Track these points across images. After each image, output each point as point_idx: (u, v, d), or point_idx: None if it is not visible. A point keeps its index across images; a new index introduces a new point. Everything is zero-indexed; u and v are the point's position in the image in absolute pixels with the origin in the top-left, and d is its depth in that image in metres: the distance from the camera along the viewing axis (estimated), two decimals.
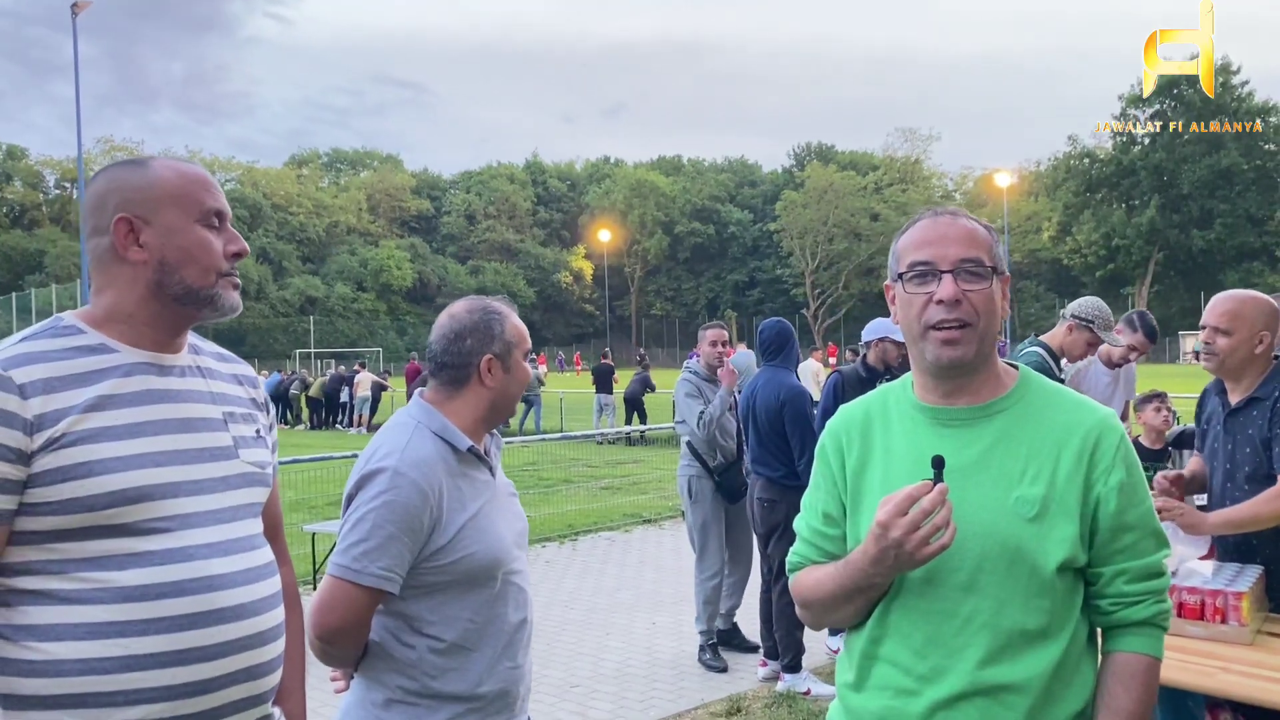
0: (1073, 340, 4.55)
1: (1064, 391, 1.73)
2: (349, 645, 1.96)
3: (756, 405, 5.23)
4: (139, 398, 1.58)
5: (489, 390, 2.10)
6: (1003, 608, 1.58)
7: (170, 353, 1.67)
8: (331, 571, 1.93)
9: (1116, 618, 1.65)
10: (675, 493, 11.42)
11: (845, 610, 1.70)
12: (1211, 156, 54.91)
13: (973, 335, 1.63)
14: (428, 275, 70.39)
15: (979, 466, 1.63)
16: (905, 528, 1.51)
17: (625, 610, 6.90)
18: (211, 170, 67.37)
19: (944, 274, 1.63)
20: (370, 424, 23.20)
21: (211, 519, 1.60)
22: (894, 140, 78.53)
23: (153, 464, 1.55)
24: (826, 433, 1.83)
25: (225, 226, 1.67)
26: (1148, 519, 1.66)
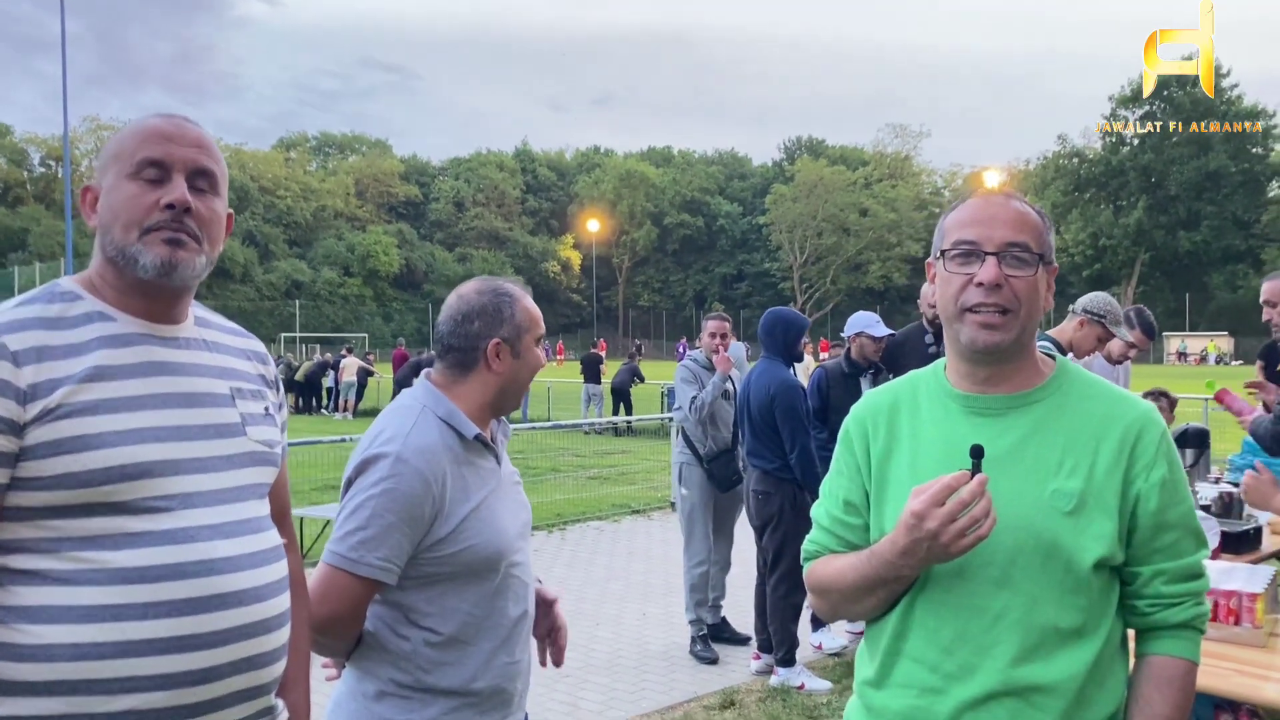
0: (1084, 335, 4.52)
1: (1103, 383, 1.66)
2: (343, 636, 1.88)
3: (751, 397, 5.18)
4: (140, 369, 1.48)
5: (496, 376, 2.01)
6: (1036, 604, 1.51)
7: (170, 323, 1.56)
8: (327, 559, 1.84)
9: (1154, 619, 1.59)
10: (664, 484, 11.43)
11: (867, 602, 1.62)
12: (1199, 159, 55.22)
13: (1013, 321, 1.56)
14: (415, 261, 70.15)
15: (1013, 457, 1.56)
16: (942, 519, 1.44)
17: (615, 600, 6.83)
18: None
19: (988, 255, 1.55)
20: (356, 409, 23.05)
21: (215, 499, 1.51)
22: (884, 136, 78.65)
23: (154, 439, 1.45)
24: (851, 418, 1.76)
25: (170, 177, 1.50)
26: (1188, 518, 1.59)
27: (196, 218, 1.52)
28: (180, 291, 1.55)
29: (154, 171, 1.50)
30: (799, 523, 5.13)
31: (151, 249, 1.48)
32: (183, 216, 1.50)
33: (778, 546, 5.13)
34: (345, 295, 65.91)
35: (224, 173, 1.60)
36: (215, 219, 1.56)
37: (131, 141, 1.52)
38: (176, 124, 1.55)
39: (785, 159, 78.78)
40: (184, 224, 1.50)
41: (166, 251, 1.49)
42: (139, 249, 1.48)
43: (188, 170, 1.51)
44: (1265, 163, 57.48)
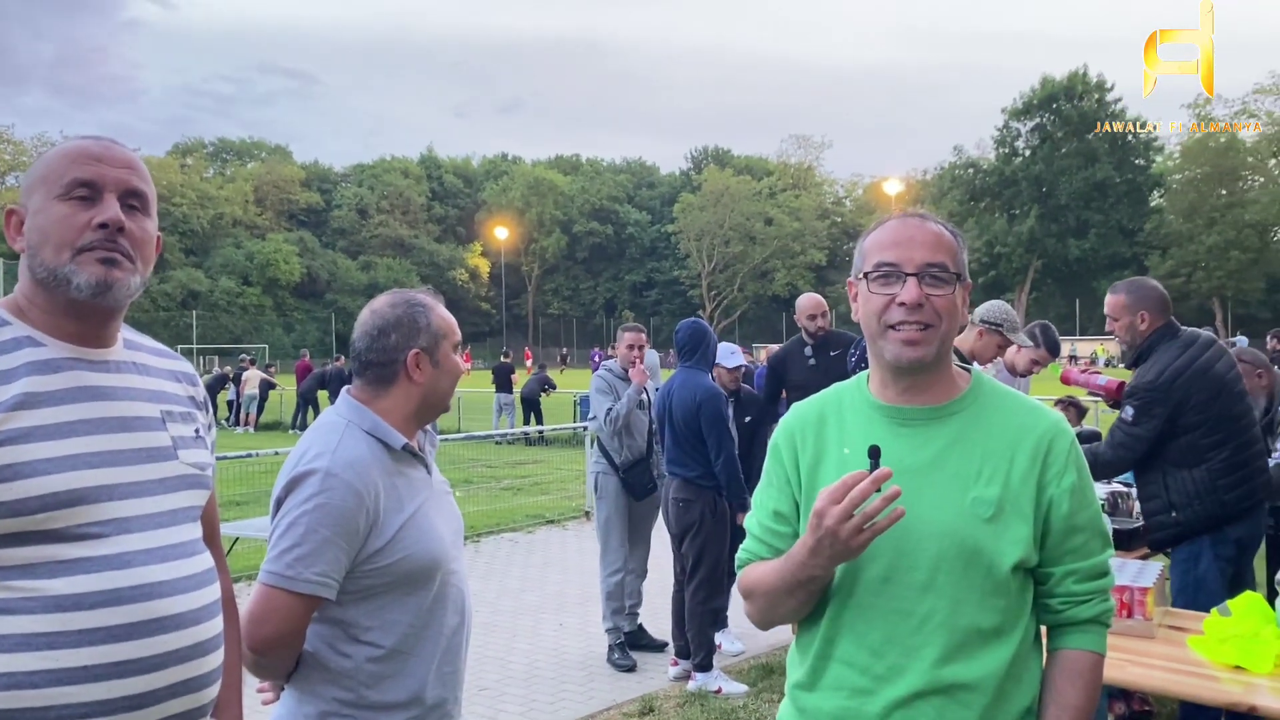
0: (984, 344, 4.68)
1: (1015, 394, 1.75)
2: (284, 656, 1.86)
3: (673, 406, 5.23)
4: (70, 395, 1.47)
5: (418, 386, 2.02)
6: (959, 607, 1.59)
7: (99, 347, 1.56)
8: (263, 580, 1.83)
9: (1065, 616, 1.69)
10: (578, 493, 11.44)
11: (789, 604, 1.69)
12: (1087, 169, 57.57)
13: (934, 336, 1.64)
14: (317, 270, 68.64)
15: (935, 466, 1.64)
16: (838, 516, 1.50)
17: (531, 612, 6.82)
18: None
19: (909, 276, 1.63)
20: (258, 423, 22.47)
21: (150, 523, 1.51)
22: (788, 147, 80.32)
23: (86, 465, 1.44)
24: (780, 430, 1.82)
25: (101, 198, 1.50)
26: (1096, 520, 1.70)
27: (130, 237, 1.52)
28: (112, 312, 1.55)
29: (85, 191, 1.49)
30: (718, 530, 5.21)
31: (85, 269, 1.47)
32: (116, 236, 1.50)
33: (697, 553, 5.20)
34: (244, 305, 64.10)
35: (153, 193, 1.60)
36: (147, 239, 1.56)
37: (60, 163, 1.51)
38: (105, 145, 1.55)
39: (693, 168, 79.60)
40: (117, 244, 1.50)
41: (101, 271, 1.48)
42: (72, 269, 1.47)
43: (119, 190, 1.52)
44: (1147, 174, 60.27)
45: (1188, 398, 3.80)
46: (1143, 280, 4.17)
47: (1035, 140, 60.37)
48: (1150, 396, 3.84)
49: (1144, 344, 3.98)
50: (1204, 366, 3.84)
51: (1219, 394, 3.83)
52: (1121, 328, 4.03)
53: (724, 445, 5.12)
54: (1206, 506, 3.79)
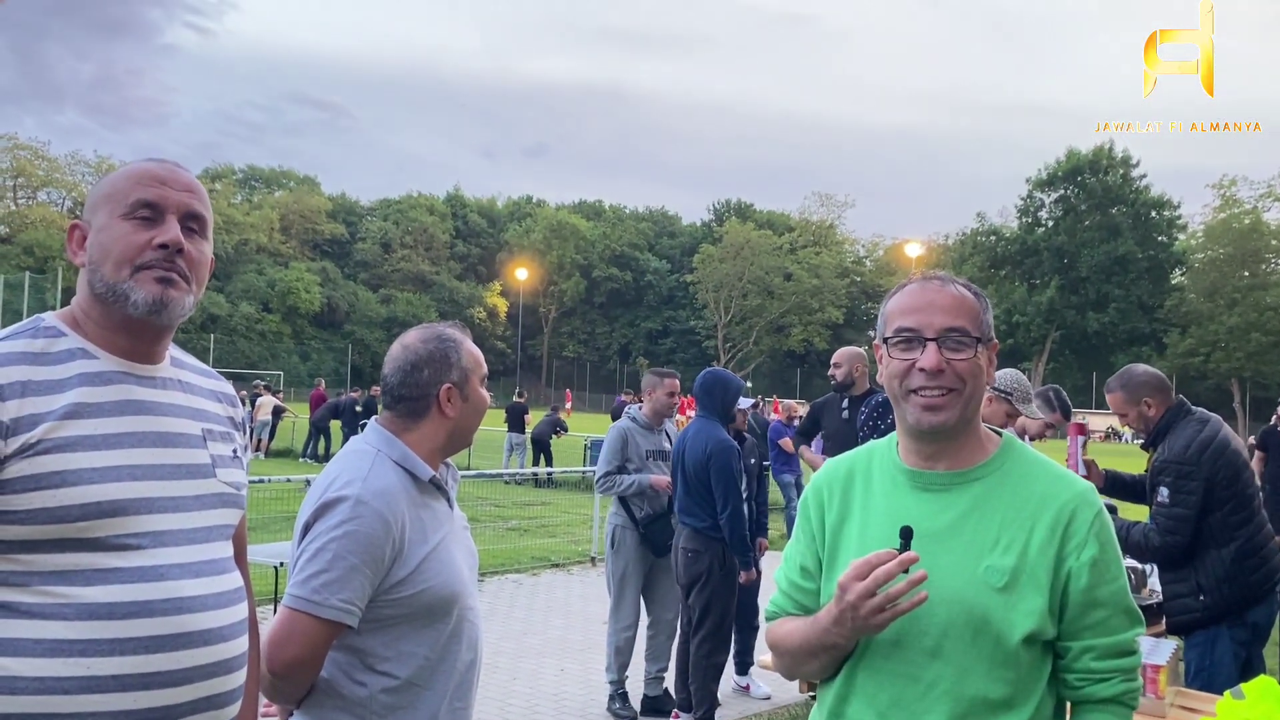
0: (991, 411, 4.68)
1: (1045, 462, 1.73)
2: (302, 681, 1.87)
3: (686, 455, 5.23)
4: (118, 407, 1.51)
5: (448, 420, 2.06)
6: (965, 676, 1.58)
7: (148, 363, 1.60)
8: (289, 603, 1.84)
9: (1084, 693, 1.65)
10: (584, 538, 11.39)
11: (812, 665, 1.71)
12: (1109, 243, 57.69)
13: (956, 400, 1.64)
14: (337, 300, 69.09)
15: (952, 532, 1.63)
16: (861, 593, 1.52)
17: (533, 655, 6.77)
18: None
19: (929, 342, 1.64)
20: (269, 450, 22.50)
21: (185, 538, 1.54)
22: (810, 204, 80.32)
23: (129, 477, 1.48)
24: (810, 487, 1.85)
25: (163, 219, 1.55)
26: (1120, 596, 1.65)
27: (187, 259, 1.56)
28: (165, 330, 1.59)
29: (148, 212, 1.54)
30: (727, 582, 5.18)
31: (143, 286, 1.52)
32: (175, 256, 1.54)
33: (704, 605, 5.17)
34: (263, 331, 64.47)
35: (211, 218, 1.65)
36: (203, 261, 1.61)
37: (125, 183, 1.56)
38: (169, 169, 1.60)
39: (714, 220, 79.98)
40: (175, 264, 1.54)
41: (158, 290, 1.52)
42: (130, 286, 1.51)
43: (180, 213, 1.56)
44: (1169, 251, 60.31)
45: (1216, 472, 3.78)
46: (1130, 370, 4.20)
47: (1058, 211, 60.60)
48: (1182, 470, 3.82)
49: (1159, 427, 3.99)
50: (1224, 442, 3.84)
51: (1240, 470, 3.83)
52: (1132, 420, 4.10)
53: (730, 499, 5.09)
54: (1235, 589, 3.76)
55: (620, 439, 5.79)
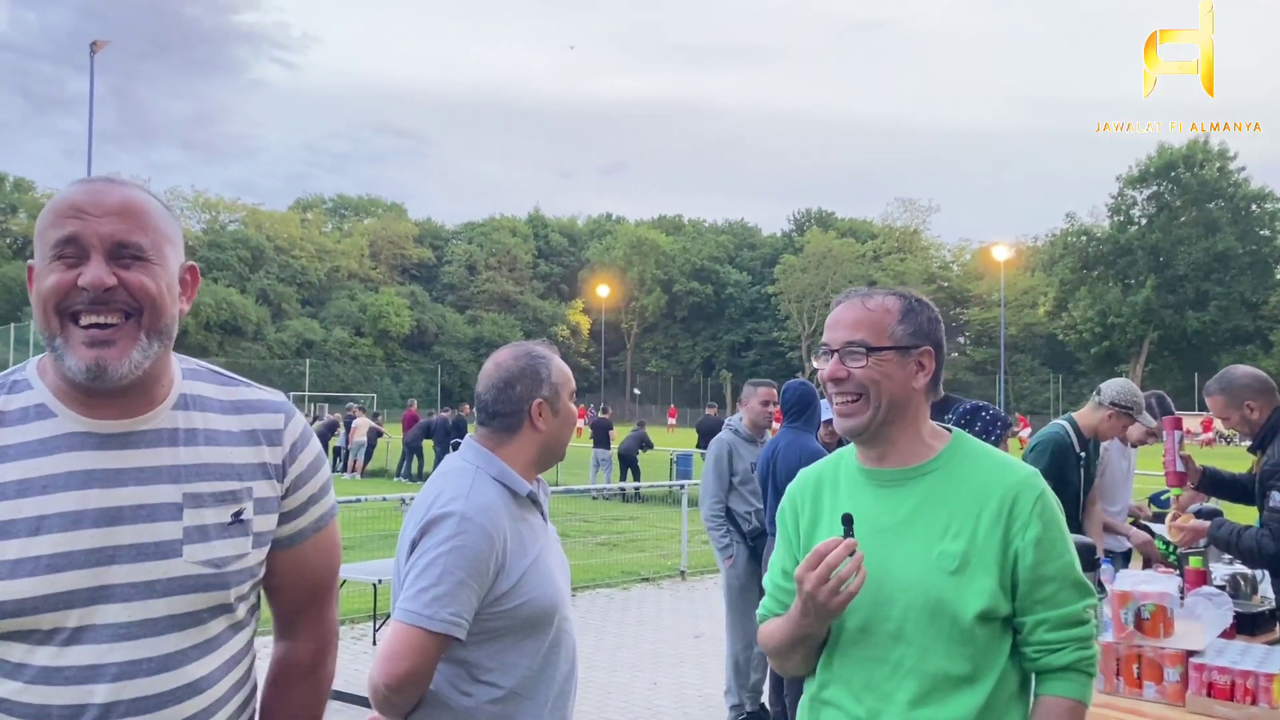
0: (1110, 425, 4.61)
1: (992, 453, 1.87)
2: (413, 694, 1.93)
3: (777, 466, 5.22)
4: (58, 481, 1.34)
5: (540, 434, 2.13)
6: (926, 654, 1.72)
7: (119, 418, 1.40)
8: (401, 618, 1.90)
9: (1041, 664, 1.78)
10: (673, 552, 11.41)
11: (793, 658, 1.87)
12: (1208, 239, 55.64)
13: (865, 405, 1.80)
14: (426, 323, 70.53)
15: (906, 524, 1.78)
16: (815, 580, 1.67)
17: (626, 669, 6.82)
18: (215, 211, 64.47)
19: (833, 353, 1.83)
20: (364, 470, 23.04)
21: (110, 634, 1.34)
22: (893, 210, 79.37)
23: (49, 569, 1.31)
24: (785, 496, 2.01)
25: (88, 256, 1.32)
26: (1067, 571, 1.78)
27: (132, 292, 1.35)
28: (122, 390, 1.38)
29: (71, 250, 1.33)
30: None
31: (74, 351, 1.33)
32: (104, 299, 1.33)
33: None
34: (356, 355, 66.14)
35: (160, 233, 1.40)
36: (150, 289, 1.37)
37: (48, 218, 1.35)
38: (93, 192, 1.36)
39: (795, 230, 79.53)
40: (109, 305, 1.34)
41: (90, 355, 1.32)
42: (62, 346, 1.34)
43: (106, 246, 1.34)
44: (1272, 245, 57.92)
45: None
46: (1231, 372, 4.10)
47: (1152, 208, 58.73)
48: None
49: (1264, 429, 3.88)
50: None
51: None
52: (1236, 423, 4.03)
53: None
54: None
55: (724, 454, 5.74)
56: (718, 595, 6.51)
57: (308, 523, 1.58)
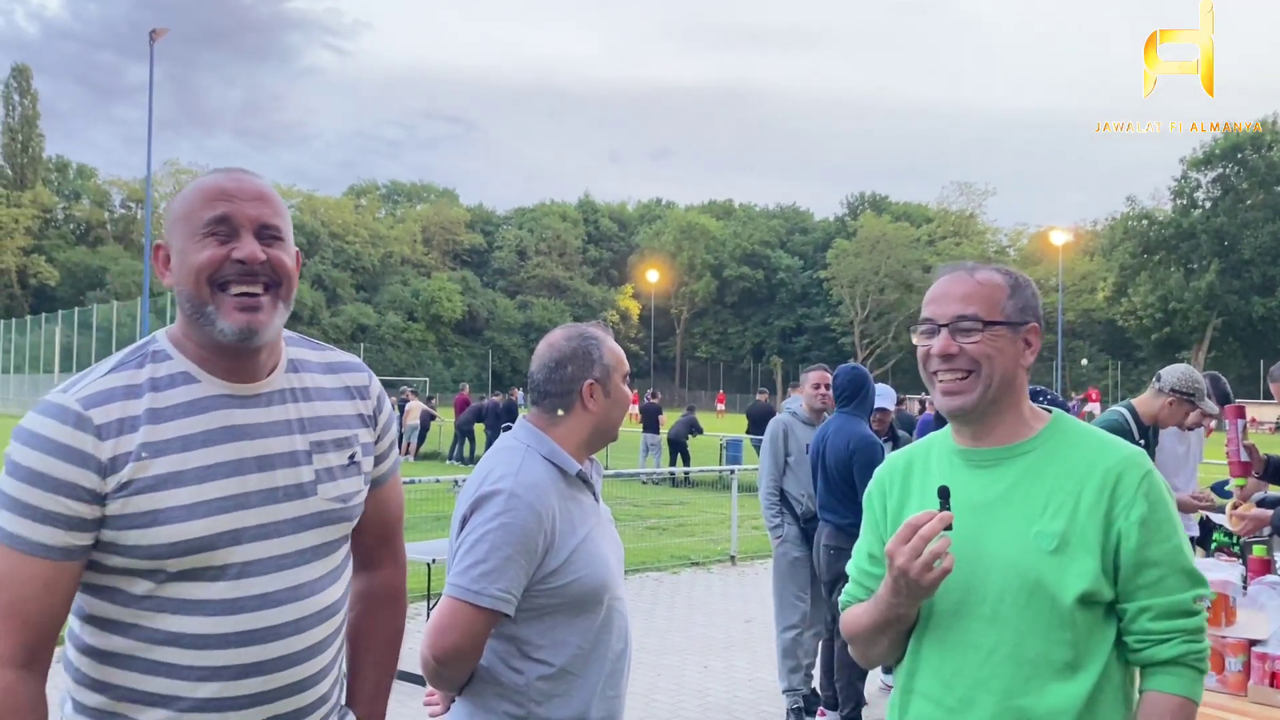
0: (1171, 412, 4.52)
1: (1095, 432, 1.78)
2: (462, 668, 1.96)
3: (826, 452, 5.20)
4: (214, 436, 1.54)
5: (592, 415, 2.13)
6: (1024, 639, 1.63)
7: (252, 380, 1.60)
8: (449, 593, 1.93)
9: (1145, 655, 1.67)
10: (723, 536, 11.42)
11: (881, 643, 1.78)
12: (1276, 222, 54.06)
13: (975, 383, 1.72)
14: (477, 308, 71.12)
15: (1002, 503, 1.70)
16: (908, 554, 1.59)
17: (676, 653, 6.84)
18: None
19: (941, 328, 1.75)
20: (418, 452, 23.32)
21: (272, 566, 1.56)
22: (949, 193, 78.21)
23: (219, 510, 1.52)
24: (873, 480, 1.96)
25: (237, 236, 1.53)
26: (1174, 556, 1.66)
27: (275, 268, 1.57)
28: (259, 350, 1.59)
29: (223, 229, 1.53)
30: None
31: (228, 316, 1.52)
32: (255, 270, 1.54)
33: None
34: (409, 340, 66.94)
35: (287, 219, 1.62)
36: (287, 265, 1.59)
37: (197, 202, 1.54)
38: (238, 179, 1.57)
39: (848, 214, 78.72)
40: (257, 277, 1.54)
41: (244, 319, 1.52)
42: (214, 311, 1.52)
43: (254, 226, 1.55)
44: None
45: None
46: None
47: (1216, 192, 57.17)
48: None
49: None
50: None
51: None
52: None
53: None
54: None
55: (779, 435, 5.77)
56: (768, 580, 6.51)
57: (389, 464, 1.82)
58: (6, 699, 1.40)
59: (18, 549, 1.43)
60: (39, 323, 50.97)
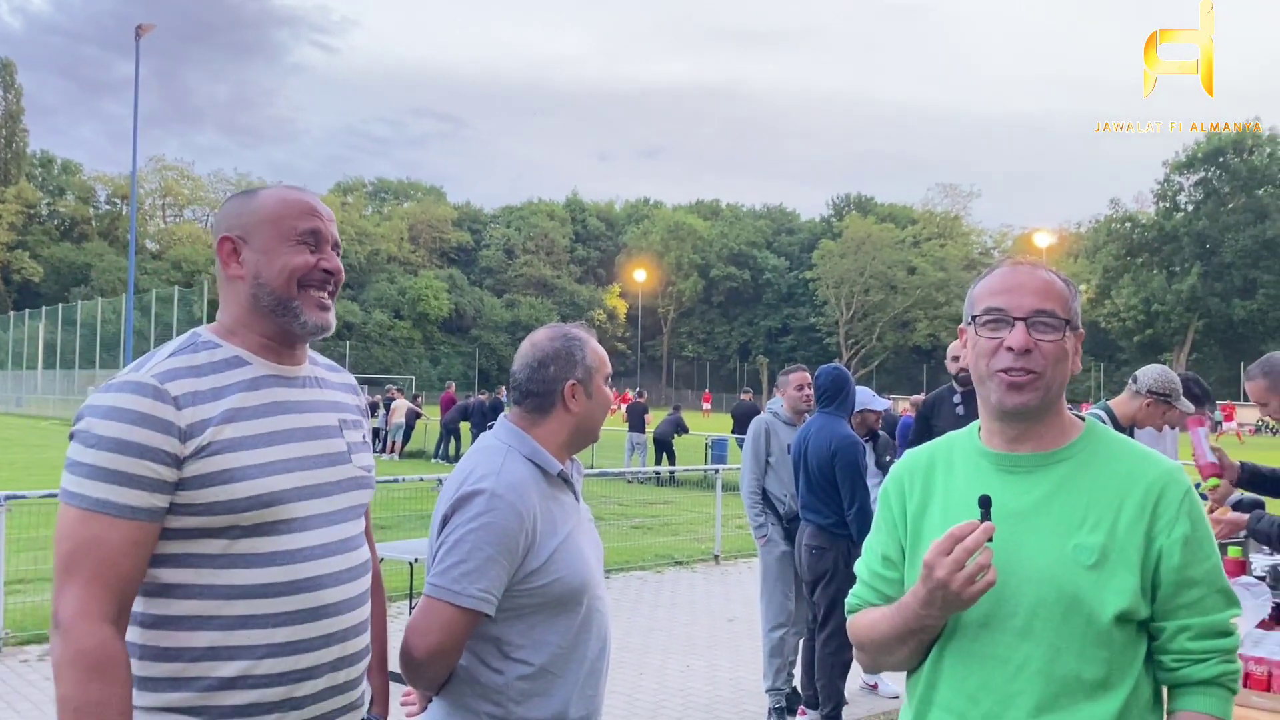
0: (1150, 413, 4.55)
1: (1131, 443, 1.72)
2: (442, 668, 1.96)
3: (808, 451, 5.22)
4: (268, 409, 1.74)
5: (573, 415, 2.13)
6: (1058, 655, 1.56)
7: (293, 364, 1.83)
8: (430, 593, 1.93)
9: (1180, 675, 1.62)
10: (707, 536, 11.44)
11: (900, 653, 1.70)
12: (1256, 226, 54.49)
13: (1040, 383, 1.63)
14: (464, 306, 70.96)
15: (1038, 512, 1.62)
16: (949, 567, 1.51)
17: (659, 652, 6.86)
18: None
19: (1017, 321, 1.64)
20: (403, 451, 23.27)
21: (323, 521, 1.76)
22: (934, 195, 78.50)
23: (282, 470, 1.70)
24: (890, 477, 1.85)
25: (322, 248, 1.80)
26: (1214, 575, 1.62)
27: (336, 279, 1.85)
28: (300, 345, 1.85)
29: (313, 240, 1.80)
30: (851, 579, 5.11)
31: (310, 311, 1.78)
32: (332, 279, 1.82)
33: (829, 602, 5.14)
34: (395, 337, 66.73)
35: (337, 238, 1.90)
36: (342, 277, 1.88)
37: (289, 213, 1.79)
38: (317, 200, 1.86)
39: (833, 215, 78.91)
40: (330, 284, 1.82)
41: (323, 316, 1.81)
42: (299, 305, 1.77)
43: (332, 241, 1.83)
44: None
45: None
46: (1273, 357, 4.03)
47: (1199, 195, 57.62)
48: None
49: None
50: None
51: None
52: (1274, 410, 3.92)
53: (858, 494, 5.06)
54: None
55: (761, 435, 5.80)
56: (751, 580, 6.54)
57: (374, 462, 2.01)
58: (104, 650, 1.53)
59: (107, 513, 1.57)
60: (23, 319, 50.64)
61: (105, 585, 1.56)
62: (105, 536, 1.56)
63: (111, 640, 1.55)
